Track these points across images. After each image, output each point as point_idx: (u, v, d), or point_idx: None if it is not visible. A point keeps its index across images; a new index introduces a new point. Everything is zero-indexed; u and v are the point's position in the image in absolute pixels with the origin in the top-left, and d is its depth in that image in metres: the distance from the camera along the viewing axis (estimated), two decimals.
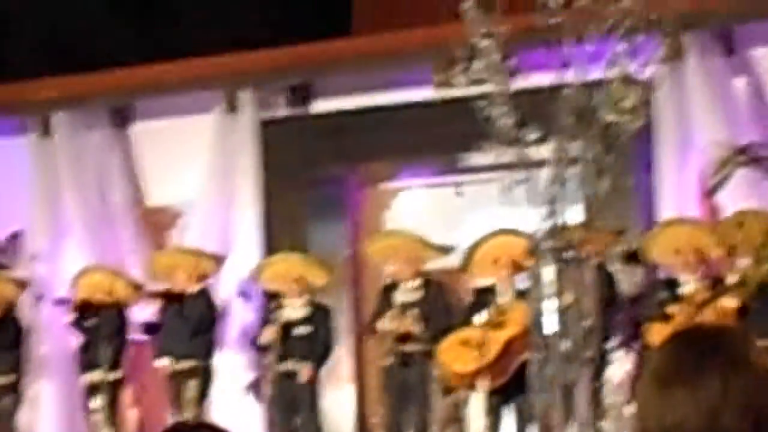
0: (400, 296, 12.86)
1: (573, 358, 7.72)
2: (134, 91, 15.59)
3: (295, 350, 13.12)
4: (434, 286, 12.96)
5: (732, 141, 12.14)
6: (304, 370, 13.04)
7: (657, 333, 11.40)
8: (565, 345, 7.77)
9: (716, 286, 11.78)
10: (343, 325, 14.26)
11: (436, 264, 13.18)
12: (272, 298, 13.60)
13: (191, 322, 13.49)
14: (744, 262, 11.76)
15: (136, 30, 17.85)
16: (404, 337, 12.71)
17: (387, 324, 12.71)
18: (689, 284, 11.93)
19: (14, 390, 14.12)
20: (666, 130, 13.10)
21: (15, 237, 16.03)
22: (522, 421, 11.55)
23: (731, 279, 11.71)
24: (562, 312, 7.82)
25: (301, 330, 13.14)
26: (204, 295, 13.77)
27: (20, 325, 14.33)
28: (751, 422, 2.45)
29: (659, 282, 12.49)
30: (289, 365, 13.12)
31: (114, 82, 15.63)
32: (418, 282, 12.91)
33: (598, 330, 8.11)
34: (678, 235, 12.18)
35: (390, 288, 13.12)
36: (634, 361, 11.66)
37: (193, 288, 13.72)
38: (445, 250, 13.06)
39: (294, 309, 13.29)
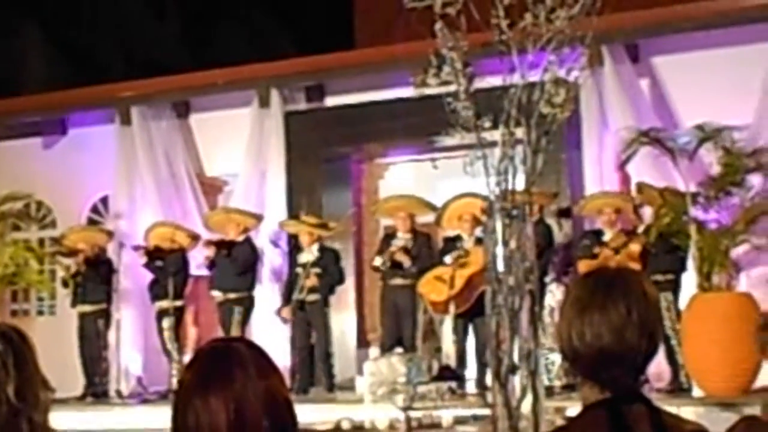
0: (397, 242, 12.83)
1: (517, 290, 7.68)
2: (191, 90, 15.59)
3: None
4: (420, 235, 12.95)
5: (637, 126, 12.13)
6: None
7: (585, 268, 11.43)
8: (512, 280, 7.74)
9: (627, 235, 11.84)
10: (348, 264, 14.25)
11: (419, 219, 13.18)
12: (294, 245, 13.61)
13: (238, 263, 13.43)
14: (648, 218, 11.81)
15: (191, 43, 17.82)
16: (395, 266, 12.67)
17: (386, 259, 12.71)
18: (608, 234, 11.98)
19: (105, 314, 14.13)
20: (589, 118, 13.11)
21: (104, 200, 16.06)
22: (480, 337, 11.55)
23: (638, 230, 11.78)
24: (509, 255, 7.78)
25: (315, 268, 13.10)
26: (247, 242, 13.72)
27: (111, 265, 14.34)
28: (647, 337, 2.49)
29: (587, 232, 12.50)
30: (305, 295, 13.10)
31: (176, 84, 15.67)
32: (410, 233, 12.91)
33: (537, 268, 8.08)
34: (602, 201, 12.25)
35: (389, 236, 13.14)
36: (563, 291, 11.65)
37: (239, 237, 13.68)
38: (434, 208, 13.00)
39: (310, 252, 13.25)
